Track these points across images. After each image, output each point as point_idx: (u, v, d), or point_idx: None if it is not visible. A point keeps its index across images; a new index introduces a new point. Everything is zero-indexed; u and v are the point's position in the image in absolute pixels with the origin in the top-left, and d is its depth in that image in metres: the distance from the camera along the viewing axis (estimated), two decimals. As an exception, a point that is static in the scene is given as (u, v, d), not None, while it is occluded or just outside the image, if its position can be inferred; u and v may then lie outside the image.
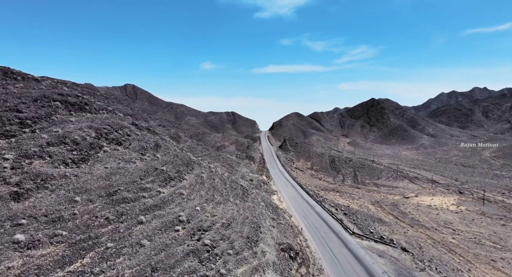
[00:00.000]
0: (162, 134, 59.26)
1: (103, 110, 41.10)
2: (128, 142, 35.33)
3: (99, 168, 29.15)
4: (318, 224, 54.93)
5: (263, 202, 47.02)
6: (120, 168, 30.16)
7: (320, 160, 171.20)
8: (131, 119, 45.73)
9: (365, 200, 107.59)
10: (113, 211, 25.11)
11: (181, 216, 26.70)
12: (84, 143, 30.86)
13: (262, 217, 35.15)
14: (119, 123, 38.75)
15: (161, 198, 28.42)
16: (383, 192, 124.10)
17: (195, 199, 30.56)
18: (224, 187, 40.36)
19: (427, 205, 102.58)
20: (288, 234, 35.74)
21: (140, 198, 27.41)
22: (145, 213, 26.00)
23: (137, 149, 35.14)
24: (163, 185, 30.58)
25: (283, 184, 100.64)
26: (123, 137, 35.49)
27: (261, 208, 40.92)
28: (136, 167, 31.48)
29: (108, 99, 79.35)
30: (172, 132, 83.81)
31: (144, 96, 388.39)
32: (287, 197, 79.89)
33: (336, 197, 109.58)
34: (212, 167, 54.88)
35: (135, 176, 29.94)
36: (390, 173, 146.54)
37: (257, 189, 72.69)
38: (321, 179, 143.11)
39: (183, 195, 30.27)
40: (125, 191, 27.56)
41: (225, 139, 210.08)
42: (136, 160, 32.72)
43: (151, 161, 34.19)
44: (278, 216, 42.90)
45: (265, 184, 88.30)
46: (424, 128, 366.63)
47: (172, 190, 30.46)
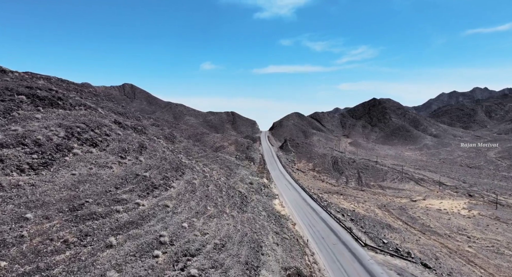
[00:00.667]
0: (152, 134, 53.83)
1: (81, 106, 35.74)
2: (106, 143, 29.99)
3: (64, 175, 23.79)
4: (325, 233, 49.56)
5: (264, 211, 41.70)
6: (91, 174, 24.80)
7: (322, 161, 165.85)
8: (115, 117, 40.35)
9: (371, 203, 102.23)
10: (75, 231, 19.74)
11: (163, 236, 21.35)
12: (49, 144, 25.48)
13: (264, 232, 29.87)
14: (98, 121, 33.41)
15: (139, 212, 23.04)
16: (389, 194, 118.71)
17: (182, 212, 25.18)
18: (220, 195, 35.02)
19: (437, 209, 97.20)
20: (295, 252, 30.47)
21: (113, 212, 22.03)
22: (117, 232, 20.63)
23: (116, 151, 29.79)
24: (143, 195, 25.19)
25: (284, 186, 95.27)
26: (100, 137, 30.15)
27: (262, 219, 35.60)
28: (112, 173, 26.10)
29: (98, 97, 74.06)
30: (167, 132, 78.41)
31: (142, 96, 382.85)
32: (289, 202, 74.52)
33: (340, 200, 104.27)
34: (207, 171, 49.53)
35: (109, 184, 24.56)
36: (395, 174, 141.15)
37: (258, 193, 67.36)
38: (324, 180, 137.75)
39: (168, 208, 24.87)
40: (94, 204, 22.20)
41: (224, 139, 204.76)
42: (113, 165, 27.36)
43: (132, 165, 28.83)
44: (282, 228, 37.59)
45: (265, 187, 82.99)
46: (427, 128, 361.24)
47: (155, 202, 25.07)
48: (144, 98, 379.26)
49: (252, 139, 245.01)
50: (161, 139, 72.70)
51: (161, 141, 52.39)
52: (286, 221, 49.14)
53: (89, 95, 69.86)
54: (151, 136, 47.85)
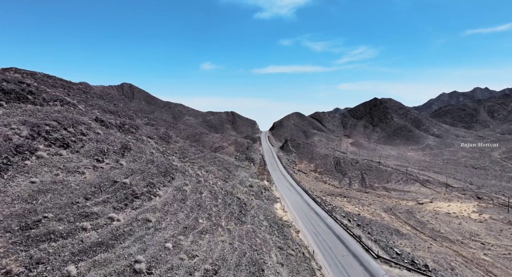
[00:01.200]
0: (143, 134, 49.46)
1: (56, 102, 31.32)
2: (80, 144, 25.56)
3: (20, 183, 19.35)
4: (332, 242, 45.10)
5: (266, 220, 37.25)
6: (56, 182, 20.35)
7: (324, 162, 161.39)
8: (98, 115, 35.89)
9: (376, 206, 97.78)
10: (23, 258, 15.29)
11: (139, 261, 16.89)
12: (6, 145, 21.03)
13: (266, 248, 25.47)
14: (74, 118, 28.97)
15: (112, 229, 18.55)
16: (394, 197, 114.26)
17: (167, 228, 20.74)
18: (215, 203, 30.58)
19: (446, 213, 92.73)
20: (303, 272, 25.97)
21: (78, 231, 17.55)
22: (79, 258, 16.16)
23: (92, 153, 25.35)
24: (120, 207, 20.73)
25: (286, 189, 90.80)
26: (73, 137, 25.72)
27: (264, 231, 31.17)
28: (83, 180, 21.64)
29: (87, 94, 69.72)
30: (162, 132, 73.94)
31: (141, 96, 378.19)
32: (292, 206, 70.05)
33: (344, 203, 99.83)
34: (202, 175, 45.14)
35: (77, 194, 20.10)
36: (399, 175, 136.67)
37: (258, 198, 62.90)
38: (326, 182, 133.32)
39: (150, 223, 20.42)
40: (54, 220, 17.74)
41: (223, 139, 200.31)
42: (86, 169, 22.92)
43: (110, 170, 24.38)
44: (286, 240, 33.13)
45: (266, 190, 78.52)
46: (429, 128, 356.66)
47: (134, 215, 20.61)
48: (143, 98, 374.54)
49: (252, 139, 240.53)
50: (155, 139, 68.40)
51: (151, 141, 47.94)
52: (289, 229, 44.63)
53: (77, 92, 65.54)
54: (139, 136, 43.39)
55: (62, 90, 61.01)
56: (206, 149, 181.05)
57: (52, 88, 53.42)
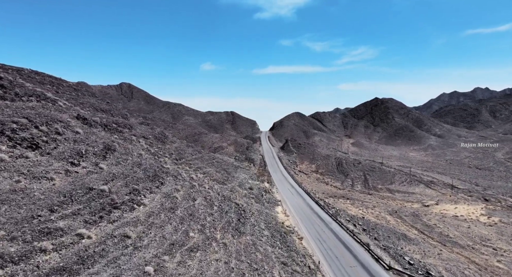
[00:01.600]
0: (134, 134, 46.10)
1: (32, 97, 27.85)
2: (54, 144, 22.10)
3: (-31, 192, 15.80)
4: (339, 251, 41.63)
5: (267, 229, 33.80)
6: (16, 190, 16.89)
7: (326, 163, 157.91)
8: (81, 112, 32.45)
9: (380, 209, 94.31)
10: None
11: (109, 293, 13.40)
12: (-43, 147, 17.56)
13: (268, 265, 22.06)
14: (50, 116, 25.51)
15: (79, 250, 15.08)
16: (399, 199, 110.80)
17: (150, 245, 17.26)
18: (210, 211, 27.14)
19: (453, 216, 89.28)
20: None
21: (34, 253, 14.07)
22: (31, 290, 12.68)
23: (66, 155, 21.90)
24: (93, 220, 17.25)
25: (287, 191, 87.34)
26: (45, 136, 22.27)
27: (265, 243, 27.73)
28: (51, 187, 18.14)
29: (78, 92, 66.25)
30: (158, 131, 70.50)
31: (140, 96, 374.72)
32: (293, 209, 66.59)
33: (347, 205, 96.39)
34: (197, 178, 41.73)
35: (41, 205, 16.63)
36: (403, 176, 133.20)
37: (258, 201, 59.50)
38: (328, 183, 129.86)
39: (128, 240, 16.93)
40: (6, 239, 14.27)
41: (223, 139, 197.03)
42: (57, 175, 19.45)
43: (87, 175, 20.91)
44: (290, 252, 29.67)
45: (267, 192, 75.10)
46: (431, 128, 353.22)
47: (109, 230, 17.12)
48: (142, 98, 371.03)
49: (252, 139, 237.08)
50: (150, 139, 65.08)
51: (141, 141, 44.52)
52: (292, 237, 41.18)
53: (67, 89, 62.06)
54: (128, 135, 39.89)
55: (50, 87, 57.59)
56: (205, 149, 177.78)
57: (37, 85, 49.94)
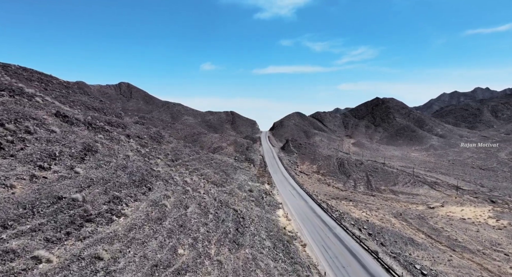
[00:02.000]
0: (121, 133, 43.12)
1: (4, 92, 24.76)
2: (20, 145, 19.01)
3: None
4: (346, 259, 38.59)
5: (268, 239, 30.75)
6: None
7: (327, 163, 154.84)
8: (62, 109, 29.38)
9: (384, 211, 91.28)
10: None
11: None
12: None
13: (270, 285, 19.00)
14: (22, 112, 22.46)
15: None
16: (403, 200, 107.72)
17: (126, 269, 14.18)
18: (204, 220, 24.10)
19: (460, 218, 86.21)
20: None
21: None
22: None
23: (35, 157, 18.84)
24: (57, 238, 14.18)
25: (288, 193, 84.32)
26: (11, 136, 19.19)
27: (266, 256, 24.70)
28: (9, 197, 15.13)
29: (69, 89, 63.31)
30: (154, 131, 67.49)
31: (139, 95, 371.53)
32: (295, 212, 63.56)
33: (350, 207, 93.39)
34: (192, 181, 38.77)
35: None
36: (406, 177, 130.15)
37: (258, 205, 56.49)
38: (330, 184, 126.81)
39: (100, 262, 13.84)
40: None
41: (222, 139, 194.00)
42: (19, 181, 16.39)
43: (57, 181, 17.82)
44: (294, 266, 26.57)
45: (267, 194, 72.05)
46: (432, 128, 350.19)
47: (77, 251, 14.02)
48: (141, 98, 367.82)
49: (252, 139, 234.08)
50: (145, 139, 62.12)
51: (131, 142, 41.54)
52: (295, 244, 38.17)
53: (57, 86, 59.06)
54: (117, 135, 36.85)
55: (38, 84, 54.59)
56: (204, 149, 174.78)
57: (24, 81, 46.97)
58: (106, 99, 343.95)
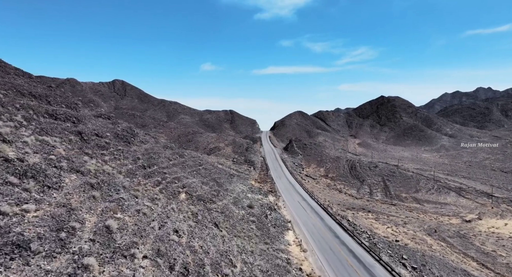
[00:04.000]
0: (63, 129, 27.11)
1: None
2: None
3: None
4: None
5: None
6: None
7: (336, 166, 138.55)
8: None
9: (414, 226, 75.00)
10: None
11: None
12: None
13: None
14: None
15: None
16: (431, 211, 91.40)
17: None
18: None
19: (509, 236, 70.07)
20: None
21: None
22: None
23: None
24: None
25: (297, 205, 67.99)
26: None
27: None
28: None
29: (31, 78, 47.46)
30: (123, 127, 51.07)
31: (134, 93, 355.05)
32: (311, 238, 47.21)
33: (371, 221, 77.21)
34: (164, 204, 22.69)
35: None
36: (429, 182, 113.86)
37: (261, 228, 40.34)
38: (342, 191, 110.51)
39: None
40: None
41: (220, 139, 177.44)
42: None
43: None
44: None
45: (272, 209, 55.67)
46: (441, 128, 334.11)
47: None
48: (136, 96, 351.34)
49: (252, 139, 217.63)
50: (107, 137, 45.89)
51: (75, 140, 25.48)
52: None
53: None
54: (55, 133, 20.41)
55: None
56: (199, 150, 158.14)
57: None
58: (98, 97, 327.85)
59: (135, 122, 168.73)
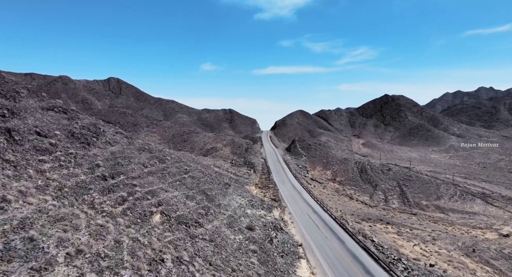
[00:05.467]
0: None
1: None
2: None
3: None
4: None
5: None
6: None
7: (345, 168, 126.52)
8: None
9: (445, 242, 62.89)
10: None
11: None
12: None
13: None
14: None
15: None
16: (458, 223, 79.34)
17: None
18: None
19: None
20: None
21: None
22: None
23: None
24: None
25: (308, 220, 55.96)
26: None
27: None
28: None
29: None
30: (82, 124, 38.86)
31: (129, 92, 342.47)
32: (332, 272, 35.07)
33: (392, 235, 65.17)
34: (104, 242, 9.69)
35: None
36: (450, 188, 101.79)
37: (265, 263, 28.29)
38: (353, 197, 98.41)
39: None
40: None
41: (217, 139, 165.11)
42: None
43: None
44: None
45: (277, 229, 43.55)
46: (448, 127, 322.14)
47: None
48: (132, 94, 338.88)
49: (252, 139, 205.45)
50: (56, 137, 34.06)
51: None
52: None
53: None
54: None
55: None
56: (195, 151, 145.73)
57: None
58: (92, 96, 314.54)
59: (125, 121, 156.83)
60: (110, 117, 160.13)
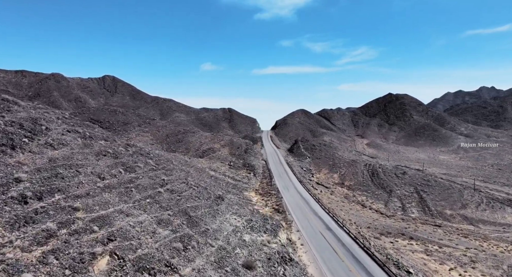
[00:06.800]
0: None
1: None
2: None
3: None
4: None
5: None
6: None
7: (353, 171, 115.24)
8: None
9: (487, 266, 51.69)
10: None
11: None
12: None
13: None
14: None
15: None
16: (492, 236, 68.15)
17: None
18: None
19: None
20: None
21: None
22: None
23: None
24: None
25: (321, 240, 44.79)
26: None
27: None
28: None
29: None
30: (16, 118, 27.02)
31: (125, 90, 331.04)
32: None
33: (420, 255, 54.00)
34: None
35: None
36: (475, 195, 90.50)
37: None
38: (366, 205, 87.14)
39: None
40: None
41: (215, 139, 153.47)
42: None
43: None
44: None
45: (285, 261, 32.14)
46: (455, 127, 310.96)
47: None
48: (127, 93, 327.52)
49: (252, 139, 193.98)
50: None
51: None
52: None
53: None
54: None
55: None
56: (190, 152, 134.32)
57: None
58: (86, 94, 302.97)
59: (115, 120, 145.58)
60: (99, 116, 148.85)
